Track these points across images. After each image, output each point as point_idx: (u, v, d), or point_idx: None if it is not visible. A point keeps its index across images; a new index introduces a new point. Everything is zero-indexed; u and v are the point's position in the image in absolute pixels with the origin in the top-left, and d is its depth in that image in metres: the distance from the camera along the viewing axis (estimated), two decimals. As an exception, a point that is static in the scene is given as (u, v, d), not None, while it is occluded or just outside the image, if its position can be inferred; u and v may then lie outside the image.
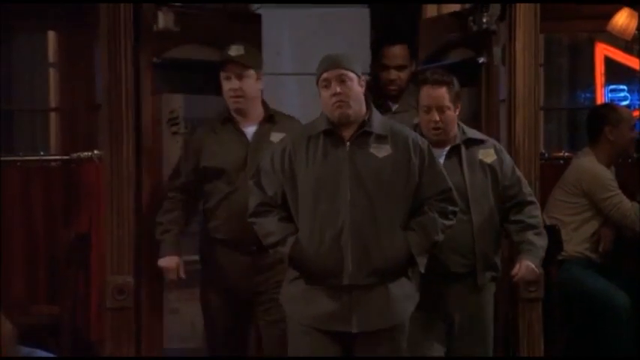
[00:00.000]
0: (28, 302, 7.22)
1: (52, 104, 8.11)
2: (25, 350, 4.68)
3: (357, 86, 5.15)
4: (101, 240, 6.56)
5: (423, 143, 5.25)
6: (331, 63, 5.17)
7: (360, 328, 5.01)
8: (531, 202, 5.80)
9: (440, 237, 5.27)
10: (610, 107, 7.38)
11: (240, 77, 5.90)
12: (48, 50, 8.34)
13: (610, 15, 7.73)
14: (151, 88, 6.55)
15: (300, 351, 5.25)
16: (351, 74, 5.14)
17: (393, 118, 6.06)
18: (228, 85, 5.91)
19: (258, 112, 6.03)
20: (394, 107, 6.53)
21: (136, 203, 6.35)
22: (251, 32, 6.97)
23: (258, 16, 7.25)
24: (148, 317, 6.42)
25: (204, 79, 6.71)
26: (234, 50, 5.93)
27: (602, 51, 8.49)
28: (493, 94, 6.93)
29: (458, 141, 5.70)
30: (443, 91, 5.59)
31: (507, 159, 5.78)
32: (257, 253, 5.84)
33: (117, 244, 6.28)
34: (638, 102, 8.31)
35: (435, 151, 5.49)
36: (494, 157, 5.67)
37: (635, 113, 7.91)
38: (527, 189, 5.84)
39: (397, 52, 6.54)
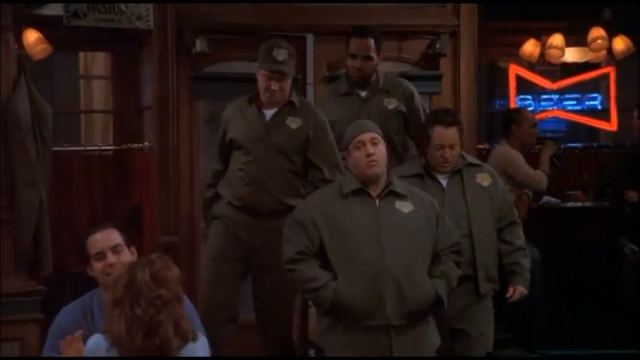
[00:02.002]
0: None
1: (99, 108, 8.53)
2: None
3: (384, 149, 4.87)
4: (151, 210, 7.02)
5: (435, 202, 4.96)
6: (364, 127, 4.92)
7: None
8: (518, 223, 5.55)
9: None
10: (516, 110, 7.72)
11: (280, 80, 5.56)
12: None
13: (520, 44, 8.36)
14: (189, 96, 6.86)
15: None
16: (380, 137, 4.88)
17: (367, 104, 6.05)
18: (267, 84, 5.57)
19: (284, 99, 5.65)
20: (363, 94, 6.14)
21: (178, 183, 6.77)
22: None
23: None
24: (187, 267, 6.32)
25: (235, 87, 6.62)
26: (280, 54, 5.58)
27: (514, 70, 8.62)
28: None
29: (459, 166, 5.40)
30: (454, 131, 5.32)
31: (500, 183, 5.54)
32: (265, 217, 5.58)
33: (165, 213, 6.74)
34: (539, 107, 8.63)
35: (438, 175, 5.39)
36: (490, 180, 5.43)
37: (537, 116, 8.27)
38: (514, 210, 5.64)
39: (364, 44, 6.08)
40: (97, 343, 3.84)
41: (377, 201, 4.80)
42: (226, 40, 6.98)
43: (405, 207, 4.81)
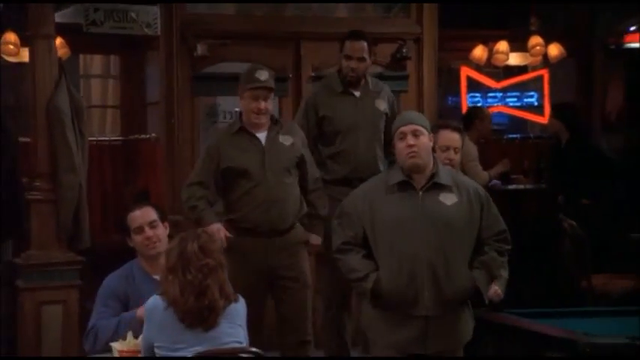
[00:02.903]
0: (104, 232, 7.47)
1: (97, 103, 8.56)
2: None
3: (427, 141, 4.55)
4: (158, 191, 7.20)
5: (482, 191, 4.69)
6: (408, 119, 4.64)
7: (434, 350, 4.47)
8: None
9: (503, 273, 4.68)
10: (480, 108, 8.06)
11: (266, 99, 5.35)
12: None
13: (470, 49, 8.57)
14: (191, 93, 7.00)
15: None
16: (423, 130, 4.56)
17: (361, 103, 5.92)
18: (255, 104, 5.35)
19: (267, 121, 5.44)
20: (357, 94, 5.97)
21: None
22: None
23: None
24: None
25: (230, 85, 6.54)
26: (262, 75, 5.39)
27: (465, 72, 8.76)
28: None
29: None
30: (458, 136, 5.25)
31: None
32: (274, 237, 5.36)
33: (171, 195, 6.84)
34: (486, 103, 8.74)
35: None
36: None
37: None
38: None
39: (359, 46, 5.92)
40: (155, 302, 4.06)
41: (420, 193, 4.52)
42: (223, 44, 7.09)
43: (448, 199, 4.53)
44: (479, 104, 8.69)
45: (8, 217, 5.99)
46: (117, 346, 4.42)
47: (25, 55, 7.34)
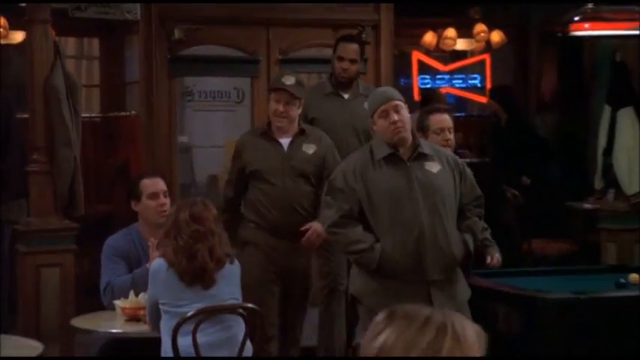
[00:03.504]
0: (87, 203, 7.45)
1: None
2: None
3: (407, 113, 4.46)
4: (138, 163, 7.18)
5: (458, 159, 4.67)
6: (387, 96, 4.50)
7: None
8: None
9: (489, 236, 4.75)
10: (436, 90, 8.26)
11: (287, 103, 5.14)
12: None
13: (421, 35, 8.68)
14: (168, 74, 7.02)
15: None
16: (402, 103, 4.46)
17: (349, 105, 5.80)
18: (276, 107, 5.17)
19: (294, 128, 5.27)
20: (345, 96, 5.87)
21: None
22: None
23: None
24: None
25: (205, 66, 7.24)
26: (288, 79, 5.19)
27: (416, 56, 8.76)
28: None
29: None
30: (447, 116, 5.10)
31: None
32: (292, 239, 5.21)
33: (150, 166, 6.88)
34: (435, 85, 8.73)
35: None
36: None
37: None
38: None
39: (352, 48, 5.84)
40: (159, 263, 4.25)
41: (408, 163, 4.41)
42: (198, 29, 7.13)
43: (433, 167, 4.44)
44: (429, 85, 8.80)
45: (21, 177, 5.97)
46: (119, 304, 4.60)
47: (13, 38, 7.41)
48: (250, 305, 4.24)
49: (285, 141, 5.25)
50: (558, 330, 4.57)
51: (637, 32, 6.47)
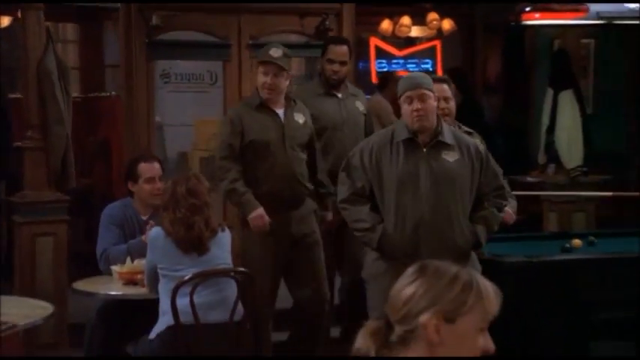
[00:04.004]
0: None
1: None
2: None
3: (433, 102, 4.22)
4: (118, 141, 7.28)
5: (482, 147, 4.41)
6: (415, 83, 4.23)
7: None
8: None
9: (497, 228, 4.48)
10: (392, 73, 8.24)
11: (275, 75, 4.96)
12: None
13: (378, 23, 8.82)
14: (146, 57, 7.03)
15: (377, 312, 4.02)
16: (430, 93, 4.21)
17: (344, 104, 5.60)
18: (264, 79, 4.98)
19: (283, 99, 5.08)
20: (339, 95, 5.62)
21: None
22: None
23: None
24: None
25: (181, 50, 7.26)
26: (275, 52, 5.00)
27: (374, 42, 8.84)
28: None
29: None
30: (444, 86, 4.83)
31: (485, 147, 4.69)
32: (293, 208, 5.05)
33: (131, 145, 6.97)
34: (390, 69, 8.76)
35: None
36: (482, 146, 4.59)
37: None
38: None
39: (342, 51, 5.62)
40: (157, 232, 4.36)
41: (425, 150, 4.22)
42: (175, 15, 7.15)
43: (451, 156, 4.23)
44: (385, 69, 8.88)
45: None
46: (117, 269, 4.71)
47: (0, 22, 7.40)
48: (242, 269, 4.38)
49: (280, 112, 5.08)
50: (515, 290, 4.70)
51: (581, 22, 6.71)
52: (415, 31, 8.95)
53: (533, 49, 8.55)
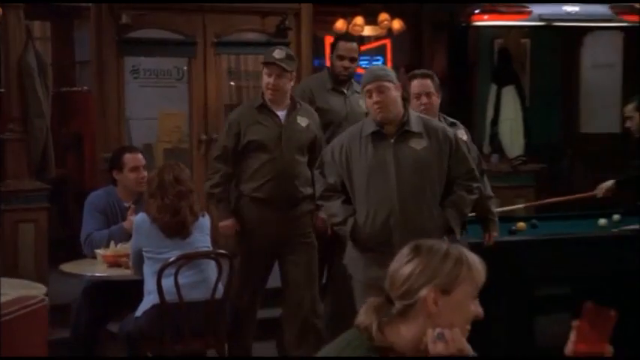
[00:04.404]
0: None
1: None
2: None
3: (393, 94, 4.11)
4: (91, 134, 7.29)
5: (450, 133, 4.25)
6: (372, 77, 4.15)
7: None
8: (485, 172, 4.84)
9: (469, 210, 4.31)
10: None
11: (278, 76, 4.83)
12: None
13: (333, 22, 8.82)
14: (117, 53, 7.12)
15: (359, 300, 4.17)
16: (388, 84, 4.11)
17: (349, 101, 5.43)
18: (268, 80, 4.85)
19: (287, 101, 4.93)
20: (346, 92, 5.45)
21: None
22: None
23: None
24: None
25: (149, 47, 7.30)
26: (278, 54, 4.88)
27: (329, 40, 8.10)
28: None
29: (444, 124, 4.58)
30: (428, 82, 4.66)
31: (469, 137, 4.82)
32: (286, 208, 4.89)
33: (103, 137, 7.08)
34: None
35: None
36: (466, 135, 4.72)
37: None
38: (482, 161, 4.90)
39: (352, 47, 5.45)
40: (142, 218, 4.43)
41: (392, 141, 4.14)
42: (142, 14, 7.25)
43: (418, 144, 4.14)
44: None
45: None
46: (101, 252, 4.79)
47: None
48: (222, 251, 4.49)
49: (281, 113, 4.94)
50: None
51: (524, 23, 6.95)
52: (367, 30, 9.04)
53: (476, 48, 8.73)
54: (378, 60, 9.18)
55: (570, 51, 8.66)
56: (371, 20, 8.93)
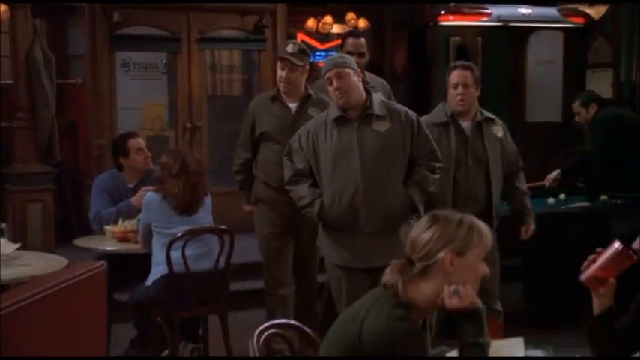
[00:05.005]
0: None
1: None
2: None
3: (352, 78, 4.02)
4: (84, 123, 7.35)
5: (413, 115, 4.12)
6: (330, 64, 4.08)
7: (378, 264, 3.18)
8: (521, 169, 4.80)
9: (432, 188, 4.14)
10: (314, 63, 7.21)
11: (290, 70, 4.73)
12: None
13: (305, 20, 9.00)
14: (109, 48, 7.24)
15: (334, 281, 4.19)
16: (347, 70, 4.02)
17: None
18: (281, 73, 4.76)
19: (300, 92, 4.81)
20: None
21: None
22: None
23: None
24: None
25: (139, 43, 7.42)
26: (291, 48, 4.78)
27: (300, 37, 8.84)
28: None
29: (479, 118, 4.58)
30: (468, 74, 4.56)
31: (509, 134, 4.72)
32: None
33: (96, 126, 7.18)
34: (315, 60, 8.24)
35: (462, 124, 4.54)
36: (502, 132, 4.65)
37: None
38: (519, 158, 4.81)
39: (359, 43, 5.28)
40: (152, 196, 4.55)
41: (355, 124, 4.05)
42: (133, 13, 7.37)
43: (381, 126, 4.04)
44: (311, 61, 9.14)
45: None
46: (110, 228, 4.90)
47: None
48: (223, 227, 4.66)
49: (292, 105, 4.84)
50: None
51: (486, 23, 7.22)
52: (336, 28, 9.21)
53: (434, 45, 8.98)
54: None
55: (517, 48, 8.95)
56: (339, 19, 9.12)
